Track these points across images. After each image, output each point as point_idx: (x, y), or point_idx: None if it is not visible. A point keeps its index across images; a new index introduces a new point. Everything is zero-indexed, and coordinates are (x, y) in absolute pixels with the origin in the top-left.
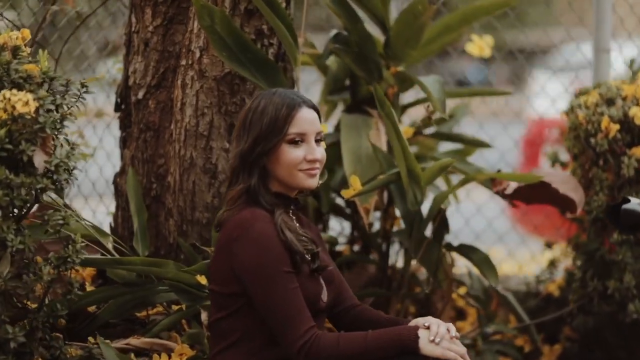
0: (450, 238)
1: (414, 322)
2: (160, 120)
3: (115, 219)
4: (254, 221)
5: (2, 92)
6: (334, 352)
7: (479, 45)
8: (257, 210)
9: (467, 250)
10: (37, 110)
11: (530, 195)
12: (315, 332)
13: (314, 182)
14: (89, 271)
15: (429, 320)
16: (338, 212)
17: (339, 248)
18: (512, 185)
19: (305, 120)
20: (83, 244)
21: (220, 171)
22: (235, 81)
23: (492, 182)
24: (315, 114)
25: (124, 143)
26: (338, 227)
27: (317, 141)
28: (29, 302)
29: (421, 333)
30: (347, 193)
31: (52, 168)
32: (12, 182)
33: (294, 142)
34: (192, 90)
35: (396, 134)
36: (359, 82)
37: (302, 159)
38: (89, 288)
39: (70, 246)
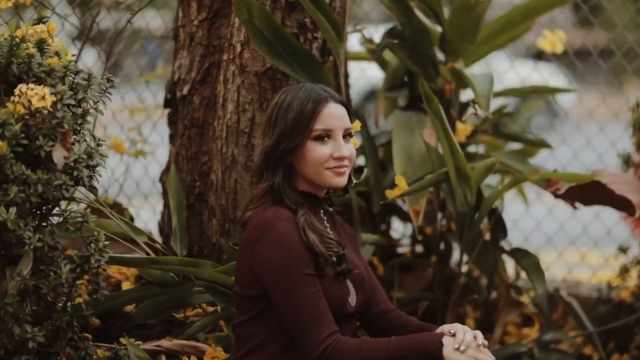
0: (519, 241)
1: (440, 329)
2: (204, 116)
3: (162, 217)
4: (275, 221)
5: (19, 86)
6: (355, 358)
7: (551, 40)
8: (280, 210)
9: (518, 254)
10: (55, 104)
11: (585, 195)
12: (337, 337)
13: (342, 181)
14: (133, 271)
15: (455, 327)
16: (396, 212)
17: (401, 250)
18: (566, 186)
19: (332, 115)
20: (107, 242)
21: None
22: (277, 76)
23: (547, 183)
24: (343, 110)
25: (171, 140)
26: (402, 228)
27: (346, 138)
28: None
29: (446, 340)
30: (392, 193)
31: (71, 164)
32: (29, 179)
33: (320, 139)
34: (234, 86)
35: (444, 132)
36: (417, 78)
37: (328, 157)
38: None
39: (92, 245)
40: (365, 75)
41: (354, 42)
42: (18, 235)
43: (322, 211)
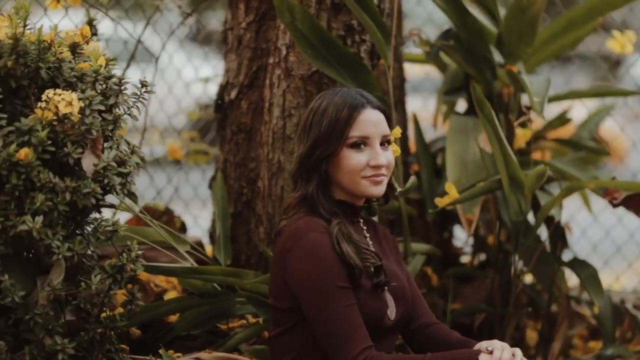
0: (587, 250)
1: (478, 345)
2: (252, 121)
3: (213, 224)
4: (307, 231)
5: (47, 91)
6: None
7: (621, 42)
8: (314, 220)
9: (576, 265)
10: (83, 110)
11: None
12: (371, 353)
13: (379, 190)
14: None
15: (493, 344)
16: (459, 220)
17: (463, 259)
18: (623, 194)
19: (369, 122)
20: (141, 252)
21: None
22: (323, 80)
23: (606, 191)
24: (381, 116)
25: (220, 145)
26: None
27: (384, 145)
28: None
29: (482, 358)
30: (441, 201)
31: (101, 171)
32: (57, 186)
33: (356, 146)
34: (279, 90)
35: (497, 138)
36: (476, 81)
37: (364, 165)
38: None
39: (124, 254)
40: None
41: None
42: (47, 245)
43: (361, 221)
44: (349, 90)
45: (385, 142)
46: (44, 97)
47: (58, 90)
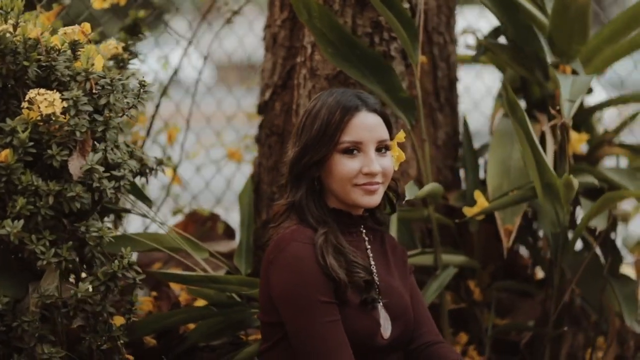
0: None
1: None
2: (284, 123)
3: None
4: (290, 241)
5: (30, 91)
6: None
7: None
8: (301, 229)
9: (619, 280)
10: (68, 110)
11: None
12: None
13: (372, 200)
14: None
15: None
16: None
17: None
18: None
19: (362, 126)
20: (134, 260)
21: None
22: (350, 80)
23: None
24: (377, 119)
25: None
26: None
27: (381, 151)
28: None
29: None
30: (469, 211)
31: (82, 175)
32: (39, 190)
33: (349, 152)
34: (305, 91)
35: (529, 143)
36: (530, 82)
37: (357, 172)
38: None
39: (117, 261)
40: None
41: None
42: (30, 250)
43: (363, 231)
44: (345, 91)
45: (382, 147)
46: (27, 97)
47: (42, 90)
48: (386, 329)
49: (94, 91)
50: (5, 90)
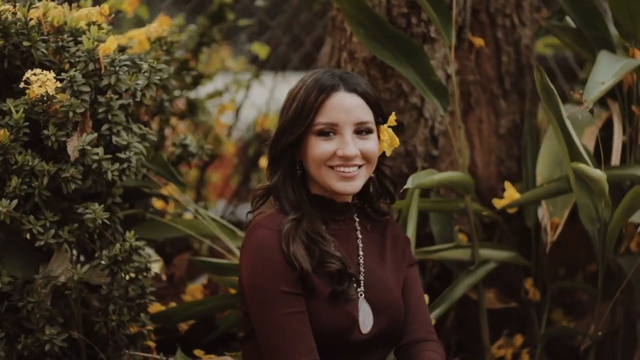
0: None
1: None
2: None
3: None
4: (258, 228)
5: (27, 72)
6: None
7: None
8: (273, 215)
9: None
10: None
11: None
12: None
13: (348, 187)
14: None
15: None
16: None
17: None
18: None
19: (339, 107)
20: (139, 244)
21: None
22: (387, 63)
23: None
24: (357, 100)
25: None
26: None
27: (362, 134)
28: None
29: None
30: (499, 203)
31: (77, 155)
32: (35, 170)
33: (325, 134)
34: None
35: (563, 133)
36: None
37: (330, 154)
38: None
39: (118, 245)
40: None
41: None
42: (28, 230)
43: (357, 220)
44: (327, 71)
45: (363, 130)
46: (24, 77)
47: (37, 70)
48: (366, 323)
49: (102, 72)
50: (13, 70)
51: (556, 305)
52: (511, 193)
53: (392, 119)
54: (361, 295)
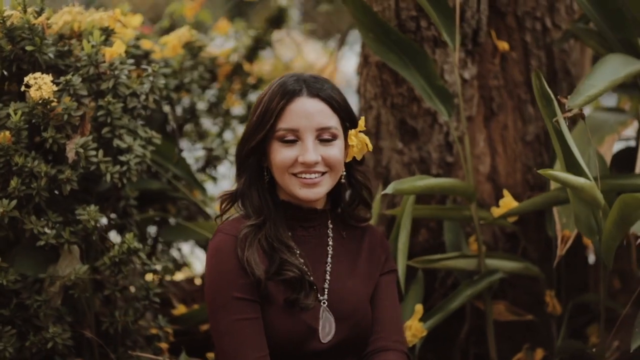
0: None
1: None
2: None
3: None
4: (217, 233)
5: (28, 76)
6: None
7: None
8: (235, 220)
9: None
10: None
11: None
12: None
13: (311, 193)
14: None
15: None
16: None
17: None
18: None
19: (300, 113)
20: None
21: (394, 176)
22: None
23: None
24: (320, 105)
25: None
26: None
27: (326, 140)
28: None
29: None
30: (497, 211)
31: (75, 157)
32: (34, 171)
33: (287, 140)
34: (361, 79)
35: (558, 138)
36: None
37: (292, 161)
38: None
39: (116, 247)
40: None
41: None
42: (29, 230)
43: (330, 226)
44: (293, 76)
45: (326, 137)
46: (24, 81)
47: (37, 74)
48: (327, 331)
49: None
50: (21, 73)
51: (589, 319)
52: (508, 201)
53: (362, 123)
54: (324, 303)
